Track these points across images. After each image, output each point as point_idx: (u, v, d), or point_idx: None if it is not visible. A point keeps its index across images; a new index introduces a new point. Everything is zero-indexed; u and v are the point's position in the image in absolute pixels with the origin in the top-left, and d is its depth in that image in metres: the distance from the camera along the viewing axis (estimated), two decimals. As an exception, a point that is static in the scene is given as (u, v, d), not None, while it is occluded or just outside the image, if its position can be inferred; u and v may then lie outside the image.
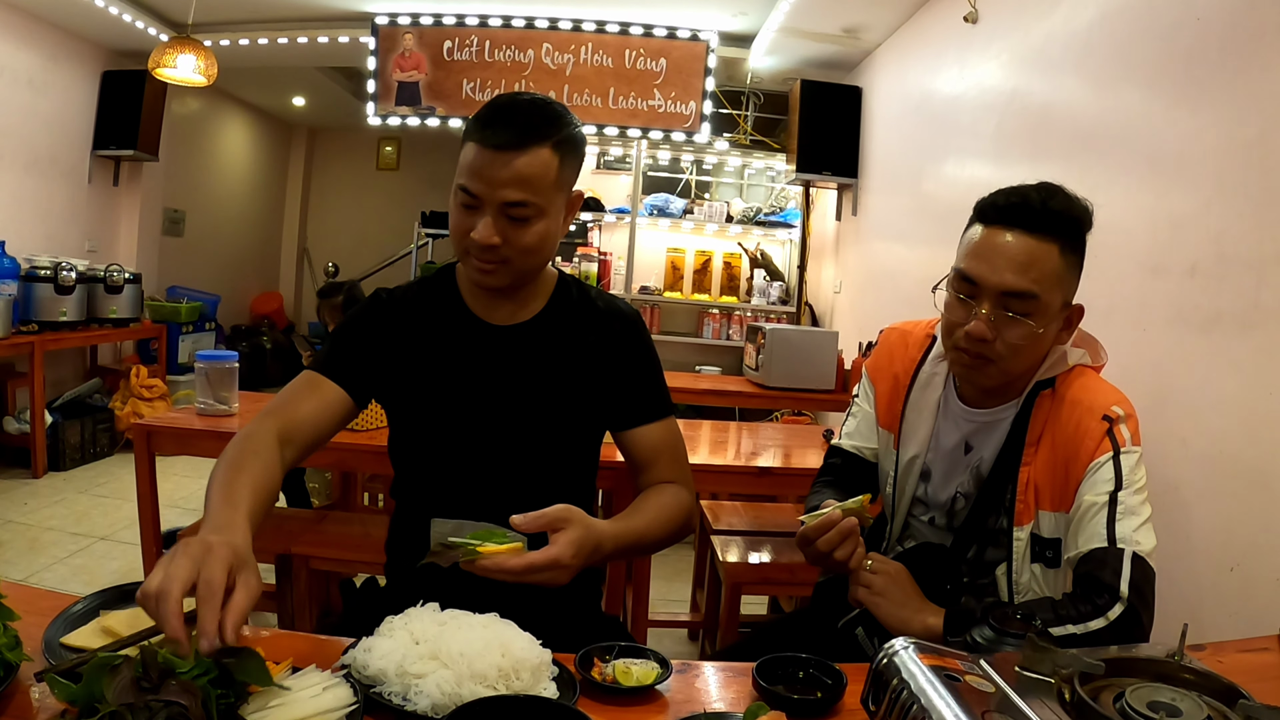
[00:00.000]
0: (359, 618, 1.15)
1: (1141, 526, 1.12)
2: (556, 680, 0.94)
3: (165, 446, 2.30)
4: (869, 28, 4.09)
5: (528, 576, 1.01)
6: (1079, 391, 1.21)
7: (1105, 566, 1.09)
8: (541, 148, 1.17)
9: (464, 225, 1.20)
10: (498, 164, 1.15)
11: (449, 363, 1.29)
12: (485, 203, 1.17)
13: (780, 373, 3.60)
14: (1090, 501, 1.14)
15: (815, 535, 1.17)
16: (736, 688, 1.00)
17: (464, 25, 4.78)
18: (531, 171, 1.17)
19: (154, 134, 5.10)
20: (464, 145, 1.20)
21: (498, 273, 1.22)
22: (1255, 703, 0.74)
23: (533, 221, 1.19)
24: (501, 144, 1.15)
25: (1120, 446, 1.15)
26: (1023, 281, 1.15)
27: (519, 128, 1.16)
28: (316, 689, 0.83)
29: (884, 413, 1.42)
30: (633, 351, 1.36)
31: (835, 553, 1.17)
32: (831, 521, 1.17)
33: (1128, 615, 1.06)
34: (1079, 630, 1.06)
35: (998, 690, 0.75)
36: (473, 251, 1.20)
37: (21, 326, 4.09)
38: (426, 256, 6.38)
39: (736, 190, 5.54)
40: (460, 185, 1.19)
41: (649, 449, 1.36)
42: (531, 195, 1.17)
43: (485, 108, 1.20)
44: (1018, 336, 1.17)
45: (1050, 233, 1.15)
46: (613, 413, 1.36)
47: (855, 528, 1.18)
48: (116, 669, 0.73)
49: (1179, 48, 1.90)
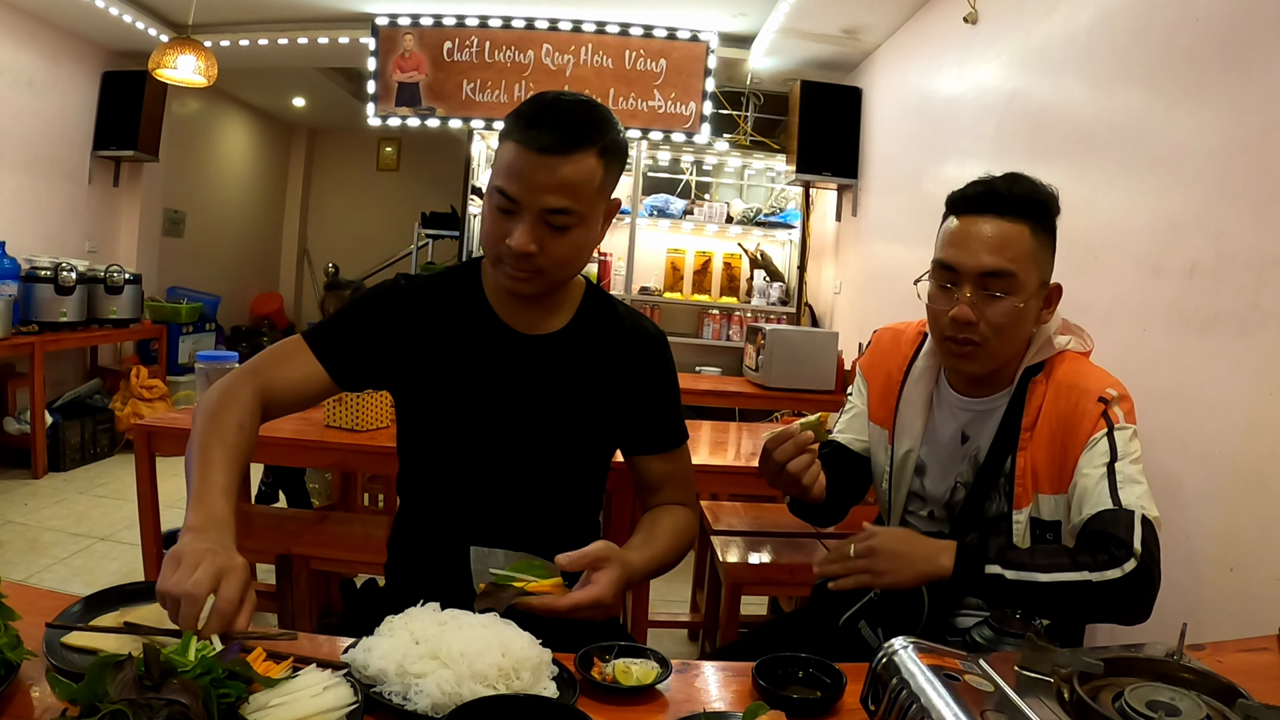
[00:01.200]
0: (359, 617, 1.15)
1: (1144, 495, 1.14)
2: (556, 680, 0.94)
3: (165, 447, 2.30)
4: (869, 28, 4.09)
5: (573, 614, 1.06)
6: (1073, 376, 1.24)
7: (1118, 524, 1.11)
8: (588, 153, 1.11)
9: (499, 230, 1.14)
10: (541, 168, 1.09)
11: (470, 365, 1.25)
12: (524, 207, 1.11)
13: (780, 373, 3.61)
14: (1089, 474, 1.16)
15: (773, 447, 1.20)
16: (736, 687, 1.00)
17: (464, 26, 4.78)
18: (576, 178, 1.11)
19: (154, 135, 5.10)
20: (501, 144, 1.14)
21: (530, 281, 1.17)
22: (1254, 702, 0.74)
23: (572, 230, 1.14)
24: (546, 147, 1.09)
25: (1114, 423, 1.18)
26: (999, 261, 1.19)
27: (565, 131, 1.10)
28: (317, 688, 0.83)
29: (876, 408, 1.44)
30: (657, 376, 1.34)
31: (789, 464, 1.19)
32: (789, 433, 1.20)
33: (1140, 571, 1.07)
34: (1096, 578, 1.07)
35: (997, 689, 0.75)
36: (506, 258, 1.15)
37: (22, 327, 4.09)
38: (427, 257, 6.38)
39: (736, 191, 5.54)
40: (497, 188, 1.12)
41: (661, 475, 1.36)
42: (574, 203, 1.11)
43: (528, 106, 1.13)
44: (1000, 314, 1.20)
45: (1020, 215, 1.21)
46: (631, 436, 1.35)
47: (810, 441, 1.20)
48: (119, 667, 0.74)
49: (1178, 48, 1.90)
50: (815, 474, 1.21)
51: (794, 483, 1.20)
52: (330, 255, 7.64)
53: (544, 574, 1.07)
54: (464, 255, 5.19)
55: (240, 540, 0.96)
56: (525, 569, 1.06)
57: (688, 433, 1.40)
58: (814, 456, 1.21)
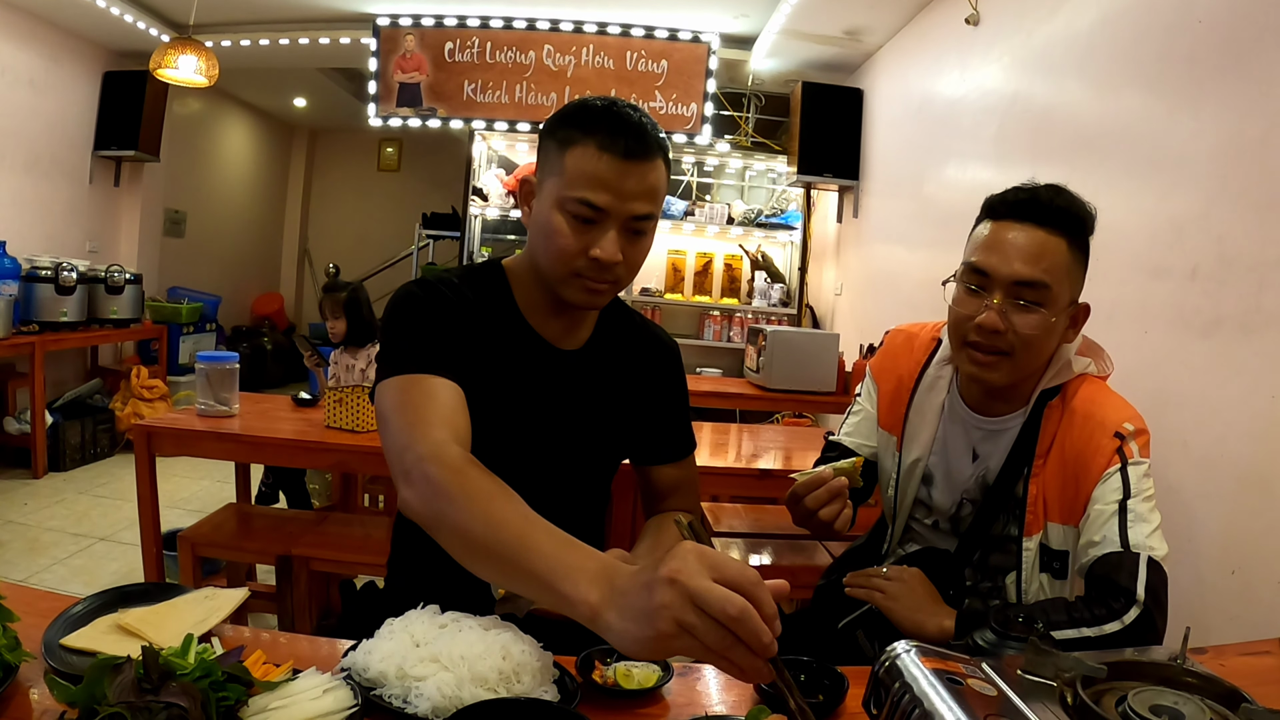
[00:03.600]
0: (359, 620, 1.14)
1: (1153, 533, 1.13)
2: (557, 683, 0.93)
3: (165, 447, 2.30)
4: (870, 30, 4.09)
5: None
6: (1090, 405, 1.21)
7: (1121, 569, 1.10)
8: (660, 157, 1.10)
9: (581, 242, 1.08)
10: (632, 175, 1.06)
11: (506, 377, 1.20)
12: (611, 217, 1.07)
13: (781, 375, 3.60)
14: (1100, 511, 1.15)
15: (805, 492, 1.19)
16: (738, 691, 1.00)
17: (465, 27, 4.78)
18: (660, 183, 1.10)
19: (155, 135, 5.10)
20: (569, 151, 1.08)
21: (607, 293, 1.14)
22: (1258, 706, 0.74)
23: (647, 236, 1.13)
24: (633, 152, 1.06)
25: (1128, 458, 1.16)
26: (1034, 271, 1.16)
27: (646, 134, 1.08)
28: (317, 691, 0.82)
29: (886, 413, 1.42)
30: (671, 386, 1.35)
31: (821, 511, 1.18)
32: (822, 479, 1.19)
33: (1143, 619, 1.06)
34: (1093, 633, 1.07)
35: (1000, 694, 0.75)
36: (586, 271, 1.10)
37: (22, 327, 4.09)
38: (427, 258, 6.38)
39: (738, 192, 5.54)
40: (580, 198, 1.06)
41: (669, 484, 1.35)
42: (655, 208, 1.11)
43: (591, 111, 1.09)
44: (1030, 326, 1.17)
45: (1058, 227, 1.17)
46: (644, 446, 1.34)
47: (844, 488, 1.19)
48: (118, 669, 0.73)
49: (1180, 50, 1.90)
50: (847, 519, 1.20)
51: (824, 527, 1.20)
52: (331, 255, 7.64)
53: None
54: (464, 256, 5.18)
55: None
56: None
57: (696, 442, 1.40)
58: (845, 501, 1.20)
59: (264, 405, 2.67)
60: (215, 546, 2.25)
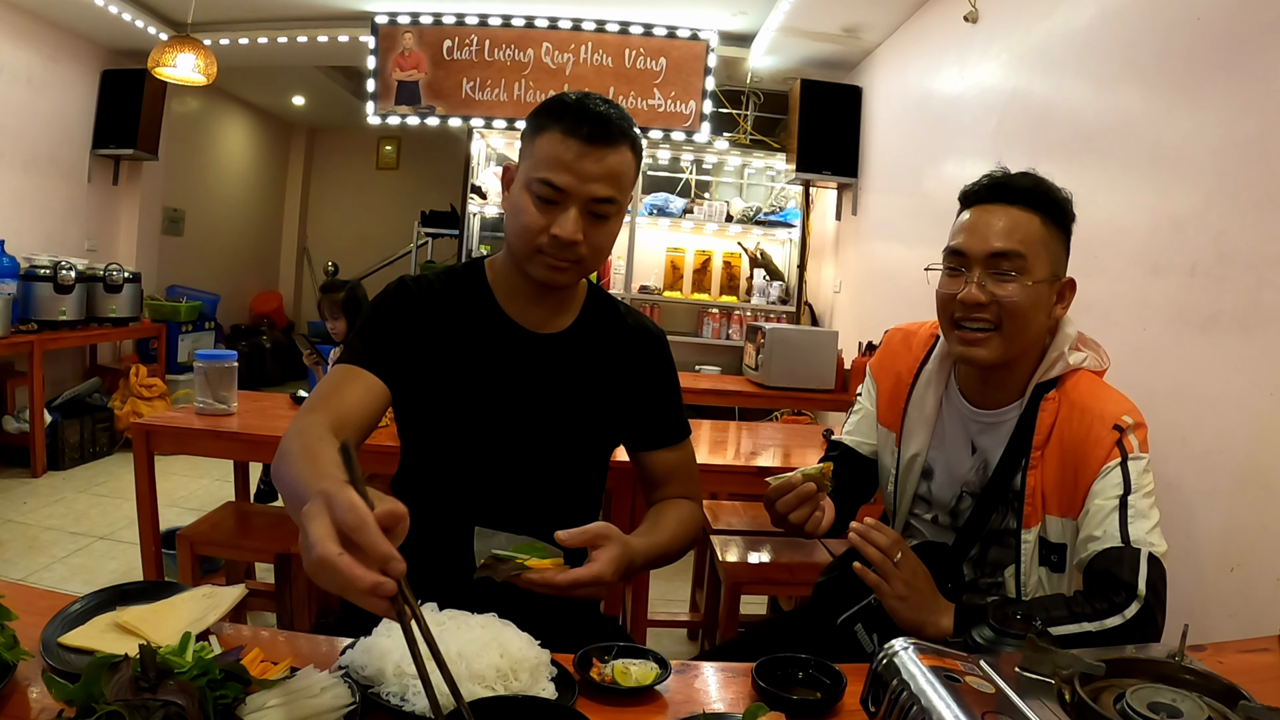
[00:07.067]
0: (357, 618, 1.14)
1: (1153, 530, 1.13)
2: (555, 680, 0.93)
3: (164, 446, 2.30)
4: (869, 27, 4.09)
5: (572, 591, 1.03)
6: (1088, 398, 1.22)
7: (1123, 565, 1.10)
8: (625, 145, 1.17)
9: (541, 221, 1.16)
10: (590, 158, 1.13)
11: (482, 363, 1.25)
12: (571, 197, 1.15)
13: (780, 372, 3.60)
14: (1100, 505, 1.15)
15: (775, 497, 1.22)
16: (736, 688, 1.00)
17: (464, 24, 4.78)
18: (620, 168, 1.16)
19: (153, 133, 5.10)
20: (538, 138, 1.16)
21: (569, 271, 1.19)
22: (1256, 704, 0.74)
23: (610, 220, 1.19)
24: (593, 137, 1.13)
25: (1128, 453, 1.16)
26: (1008, 243, 1.20)
27: (609, 121, 1.14)
28: (315, 689, 0.82)
29: (885, 410, 1.43)
30: (658, 373, 1.37)
31: (791, 515, 1.21)
32: (791, 484, 1.21)
33: (1144, 614, 1.07)
34: (1095, 628, 1.07)
35: (998, 691, 0.75)
36: (548, 248, 1.17)
37: (21, 326, 4.09)
38: (426, 256, 6.38)
39: (736, 190, 5.54)
40: (542, 179, 1.14)
41: (665, 470, 1.37)
42: (616, 192, 1.16)
43: (562, 102, 1.17)
44: (1010, 294, 1.20)
45: (1029, 204, 1.22)
46: (634, 433, 1.37)
47: (812, 493, 1.22)
48: (115, 667, 0.73)
49: (1179, 47, 1.89)
50: (819, 520, 1.24)
51: (797, 529, 1.23)
52: (330, 254, 7.64)
53: (545, 555, 1.07)
54: (463, 254, 5.18)
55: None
56: (528, 550, 1.05)
57: (690, 428, 1.41)
58: (816, 505, 1.23)
59: (263, 404, 2.67)
60: (214, 545, 2.25)
